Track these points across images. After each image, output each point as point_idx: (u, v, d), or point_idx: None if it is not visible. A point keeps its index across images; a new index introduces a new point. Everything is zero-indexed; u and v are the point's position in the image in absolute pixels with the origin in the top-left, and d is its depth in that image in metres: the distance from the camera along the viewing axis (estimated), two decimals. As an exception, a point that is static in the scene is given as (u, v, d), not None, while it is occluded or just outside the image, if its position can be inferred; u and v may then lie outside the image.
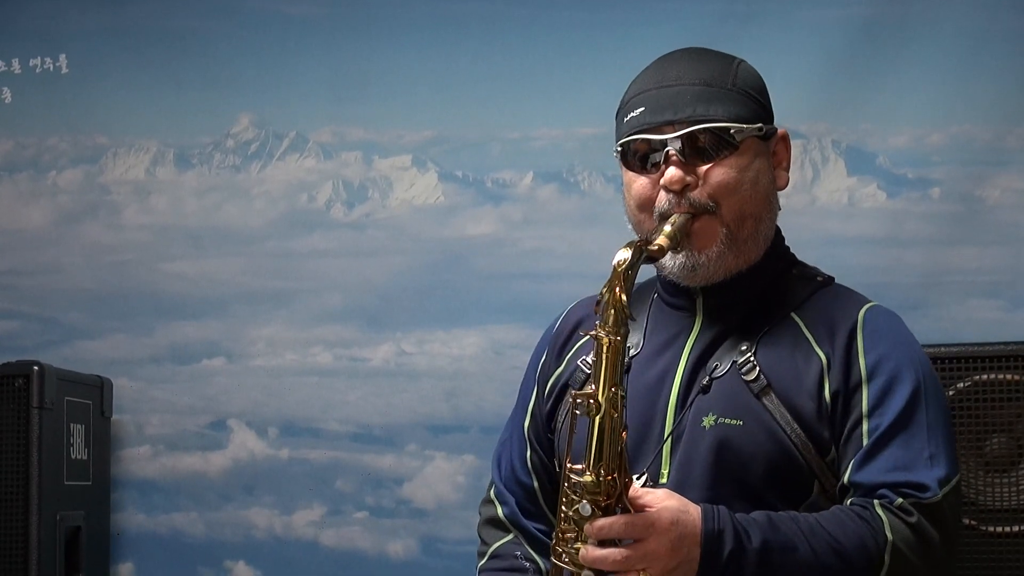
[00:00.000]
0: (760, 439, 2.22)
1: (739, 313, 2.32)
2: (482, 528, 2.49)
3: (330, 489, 4.35)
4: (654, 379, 2.31)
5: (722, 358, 2.29)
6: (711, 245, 2.27)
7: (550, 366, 2.46)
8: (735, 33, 4.04)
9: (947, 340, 3.45)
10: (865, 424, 2.21)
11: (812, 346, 2.26)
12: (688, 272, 2.29)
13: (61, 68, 4.46)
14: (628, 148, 2.32)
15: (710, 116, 2.27)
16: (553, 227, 4.32)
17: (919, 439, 2.20)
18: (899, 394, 2.21)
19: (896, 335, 2.28)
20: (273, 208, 4.45)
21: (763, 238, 2.33)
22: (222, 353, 4.40)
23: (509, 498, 2.46)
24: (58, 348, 4.38)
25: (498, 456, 2.51)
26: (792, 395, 2.23)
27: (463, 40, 4.32)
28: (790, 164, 2.39)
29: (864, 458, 2.19)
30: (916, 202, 4.14)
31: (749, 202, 2.29)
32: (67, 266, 4.46)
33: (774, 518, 2.15)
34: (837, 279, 2.39)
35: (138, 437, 4.41)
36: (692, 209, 2.26)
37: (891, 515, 2.15)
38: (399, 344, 4.33)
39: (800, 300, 2.32)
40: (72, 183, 4.50)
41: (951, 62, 4.07)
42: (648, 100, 2.30)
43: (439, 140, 4.39)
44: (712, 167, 2.28)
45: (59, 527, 3.89)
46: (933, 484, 2.17)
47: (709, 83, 2.29)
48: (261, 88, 4.43)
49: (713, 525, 2.11)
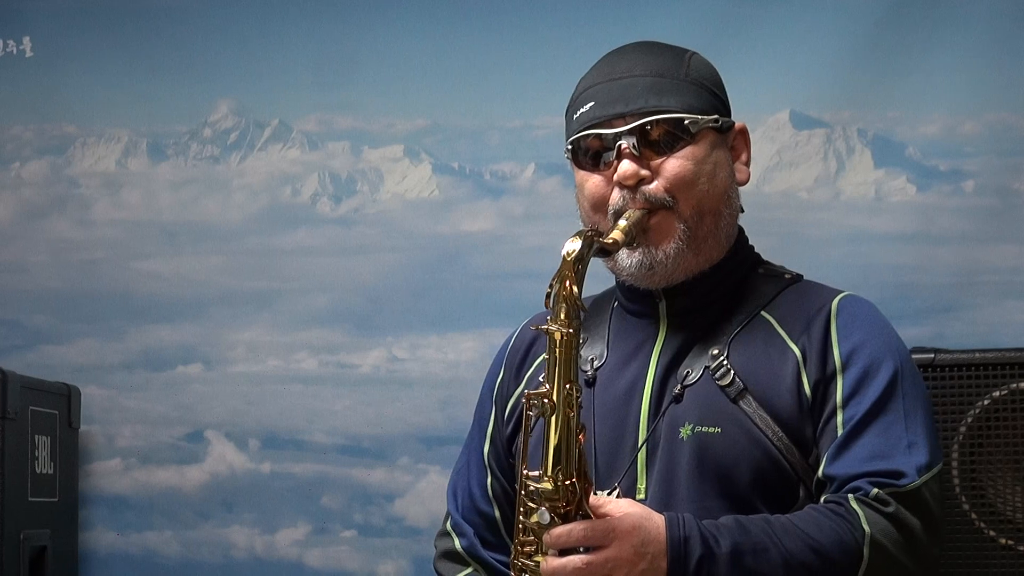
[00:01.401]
0: (741, 445, 2.24)
1: (705, 316, 2.33)
2: (438, 562, 2.49)
3: (316, 506, 4.29)
4: (623, 391, 2.33)
5: (693, 364, 2.30)
6: (669, 241, 2.28)
7: (508, 385, 2.47)
8: (753, 15, 4.08)
9: (982, 345, 3.39)
10: (840, 415, 2.22)
11: (786, 341, 2.28)
12: (646, 271, 2.30)
13: (25, 51, 4.40)
14: (579, 146, 2.34)
15: (662, 107, 2.29)
16: (556, 223, 4.06)
17: (897, 427, 2.21)
18: (876, 382, 2.23)
19: (872, 322, 2.30)
20: (254, 202, 4.40)
21: (724, 236, 2.34)
22: (199, 359, 4.35)
23: (467, 529, 2.46)
24: (22, 353, 4.33)
25: (453, 486, 2.52)
26: (770, 396, 2.25)
27: (459, 21, 4.27)
28: (750, 159, 2.40)
29: (839, 449, 2.21)
30: (948, 196, 4.10)
31: (707, 196, 2.30)
32: (32, 265, 4.42)
33: (743, 521, 2.16)
34: (863, 279, 2.49)
35: (108, 450, 4.35)
36: (648, 204, 2.28)
37: (866, 507, 2.16)
38: (390, 349, 4.30)
39: (768, 298, 2.34)
40: (37, 175, 4.44)
41: (985, 45, 4.03)
42: (597, 94, 2.33)
43: (433, 129, 4.36)
44: (667, 159, 2.29)
45: (23, 547, 3.81)
46: (911, 471, 2.18)
47: (661, 74, 2.31)
48: (241, 73, 4.38)
49: (679, 532, 2.11)
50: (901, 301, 3.93)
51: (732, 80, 2.50)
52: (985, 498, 3.19)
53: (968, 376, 3.22)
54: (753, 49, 4.02)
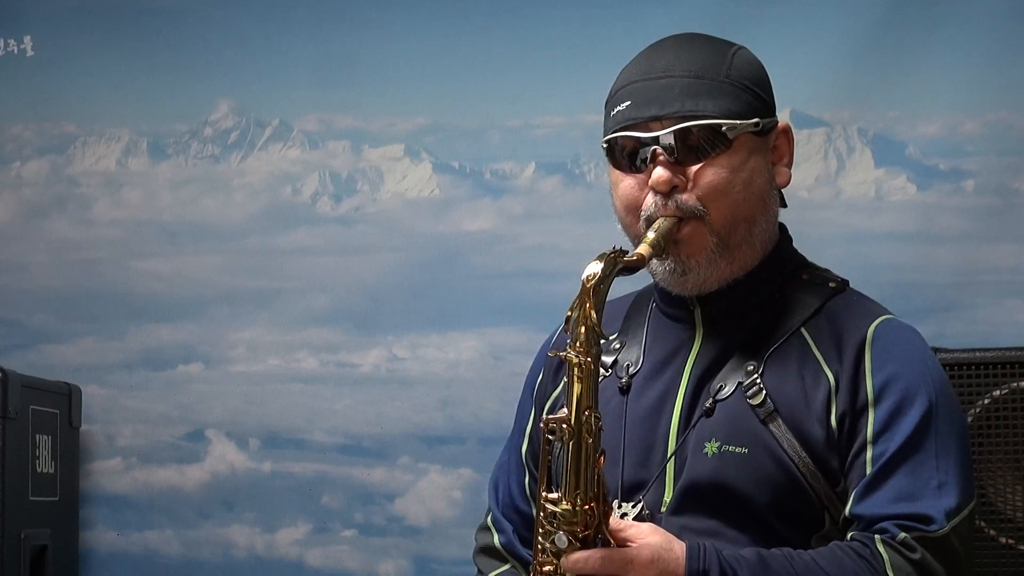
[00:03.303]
0: (767, 468, 2.19)
1: (743, 325, 2.29)
2: (477, 557, 2.47)
3: (316, 505, 4.29)
4: (655, 400, 2.29)
5: (727, 378, 2.25)
6: (700, 252, 2.24)
7: (547, 385, 2.44)
8: (753, 13, 4.03)
9: (982, 344, 3.39)
10: (869, 451, 2.17)
11: (821, 365, 2.23)
12: (678, 278, 2.26)
13: (26, 51, 4.40)
14: (615, 144, 2.28)
15: (699, 112, 2.22)
16: (557, 222, 4.25)
17: (927, 467, 2.16)
18: (908, 418, 2.17)
19: (908, 352, 2.24)
20: (254, 202, 4.40)
21: (759, 241, 2.29)
22: (199, 358, 4.35)
23: (506, 526, 2.43)
24: (23, 353, 4.32)
25: (495, 481, 2.49)
26: (800, 420, 2.20)
27: (459, 20, 4.25)
28: (792, 159, 2.33)
29: (867, 488, 2.16)
30: (949, 195, 4.08)
31: (741, 205, 2.25)
32: (32, 264, 4.41)
33: (765, 556, 2.13)
34: (863, 278, 2.36)
35: (109, 449, 4.34)
36: (680, 212, 2.23)
37: (892, 552, 2.12)
38: (390, 348, 4.29)
39: (810, 311, 2.28)
40: (38, 175, 4.44)
41: (987, 44, 4.00)
42: (634, 93, 2.26)
43: (434, 128, 4.35)
44: (702, 167, 2.23)
45: (23, 546, 3.82)
46: (939, 516, 2.13)
47: (699, 75, 2.24)
48: (241, 72, 4.38)
49: (698, 565, 2.08)
50: (901, 300, 3.85)
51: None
52: (985, 497, 3.18)
53: (968, 375, 3.22)
54: (753, 49, 3.93)
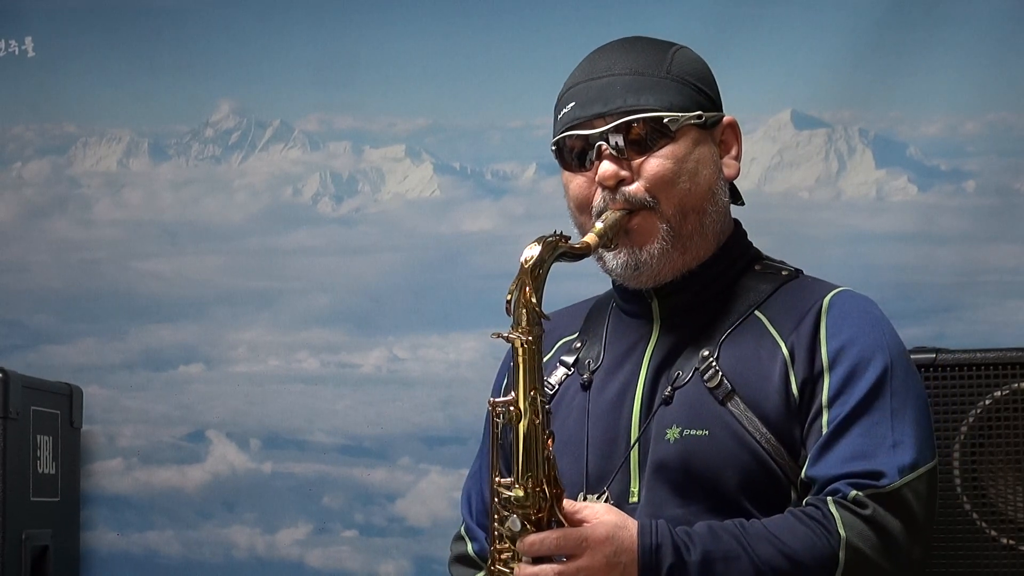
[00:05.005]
0: (729, 448, 2.22)
1: (699, 316, 2.32)
2: (452, 566, 2.50)
3: (317, 506, 4.28)
4: (615, 393, 2.32)
5: (683, 365, 2.29)
6: (652, 242, 2.28)
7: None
8: (753, 13, 4.06)
9: (983, 345, 3.36)
10: (825, 415, 2.20)
11: (776, 339, 2.26)
12: (631, 271, 2.30)
13: (27, 51, 4.39)
14: (562, 146, 2.33)
15: (641, 106, 2.28)
16: (557, 223, 4.16)
17: (882, 427, 2.19)
18: (863, 381, 2.20)
19: (864, 318, 2.27)
20: (255, 202, 4.40)
21: (711, 232, 2.33)
22: (200, 359, 4.34)
23: (479, 534, 2.45)
24: (23, 353, 4.32)
25: (467, 491, 2.51)
26: (758, 397, 2.23)
27: (460, 20, 4.25)
28: (741, 153, 2.38)
29: (821, 450, 2.19)
30: (950, 196, 4.08)
31: (689, 195, 2.29)
32: (33, 265, 4.41)
33: (716, 528, 2.15)
34: (864, 279, 2.41)
35: (110, 449, 4.33)
36: (628, 205, 2.27)
37: (844, 510, 2.14)
38: (391, 349, 4.28)
39: (764, 296, 2.32)
40: (39, 175, 4.43)
41: (986, 44, 4.00)
42: (578, 94, 2.32)
43: (435, 129, 4.35)
44: (647, 159, 2.28)
45: (24, 546, 3.80)
46: (891, 471, 2.16)
47: (640, 72, 2.30)
48: (242, 73, 4.38)
49: (650, 540, 2.12)
50: (902, 301, 3.92)
51: (733, 80, 2.49)
52: (986, 498, 3.18)
53: (969, 376, 3.21)
54: (754, 49, 4.00)
